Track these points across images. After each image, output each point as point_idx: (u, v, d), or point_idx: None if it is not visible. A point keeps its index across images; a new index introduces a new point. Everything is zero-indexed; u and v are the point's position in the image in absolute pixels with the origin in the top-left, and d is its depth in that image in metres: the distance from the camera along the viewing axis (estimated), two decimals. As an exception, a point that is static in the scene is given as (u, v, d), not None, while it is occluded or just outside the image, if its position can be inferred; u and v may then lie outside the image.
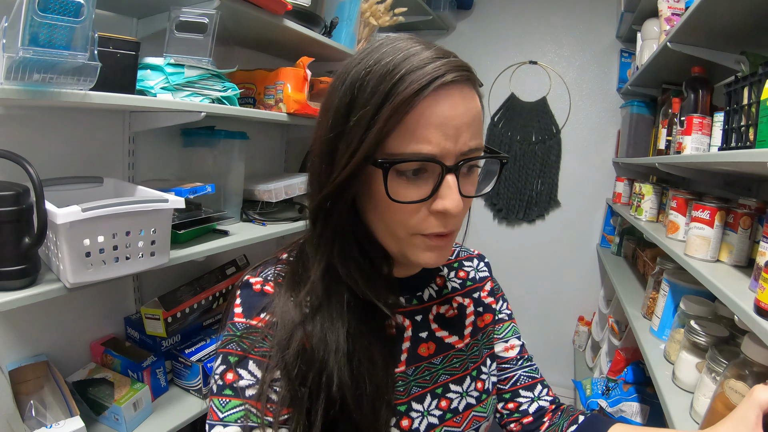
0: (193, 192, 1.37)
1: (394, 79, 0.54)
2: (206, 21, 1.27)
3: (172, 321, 1.49)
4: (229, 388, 0.59)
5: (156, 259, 1.14)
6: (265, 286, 0.65)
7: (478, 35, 2.99)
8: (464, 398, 0.77)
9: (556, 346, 2.96)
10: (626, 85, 2.49)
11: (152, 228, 1.11)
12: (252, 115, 1.50)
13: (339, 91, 0.59)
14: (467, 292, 0.86)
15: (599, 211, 2.85)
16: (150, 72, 1.27)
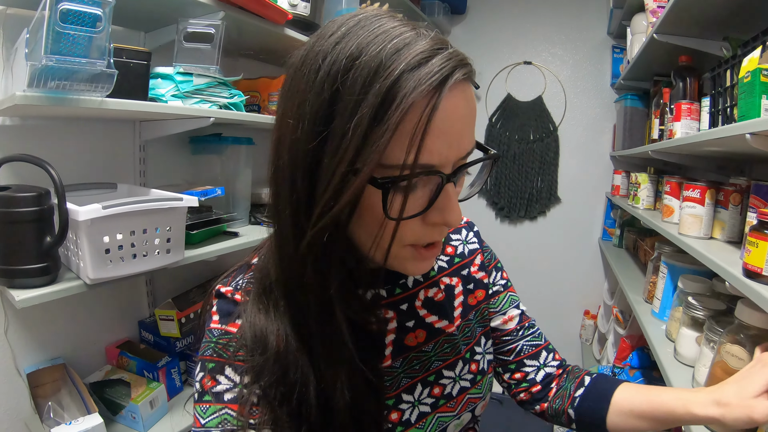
0: (204, 194, 1.41)
1: (392, 77, 0.45)
2: (213, 31, 1.32)
3: (185, 321, 1.53)
4: (208, 393, 0.58)
5: (171, 256, 1.19)
6: (235, 295, 0.63)
7: (472, 39, 3.04)
8: (457, 383, 0.74)
9: (563, 341, 2.97)
10: (619, 79, 2.53)
11: (167, 226, 1.17)
12: (258, 119, 1.55)
13: (310, 83, 0.49)
14: (454, 270, 0.80)
15: (599, 205, 2.89)
16: (161, 81, 1.33)
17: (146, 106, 1.20)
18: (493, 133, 3.03)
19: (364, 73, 0.46)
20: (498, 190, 3.06)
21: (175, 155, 1.69)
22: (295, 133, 0.50)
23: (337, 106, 0.47)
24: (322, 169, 0.49)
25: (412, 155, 0.46)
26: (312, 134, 0.49)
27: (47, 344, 1.34)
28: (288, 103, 0.52)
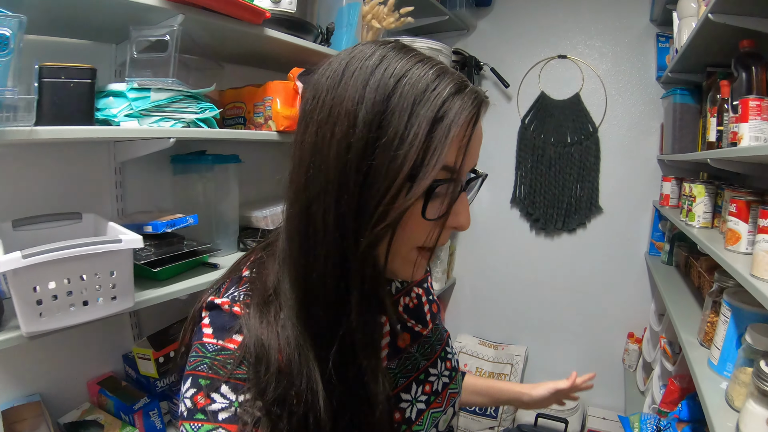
0: (171, 225, 1.28)
1: (442, 97, 0.54)
2: (167, 38, 1.14)
3: (164, 361, 1.42)
4: (200, 412, 0.56)
5: (118, 304, 1.07)
6: (233, 307, 0.62)
7: (500, 32, 2.79)
8: (440, 379, 0.81)
9: (604, 365, 2.70)
10: (666, 72, 2.23)
11: (110, 270, 1.03)
12: (235, 136, 1.38)
13: (358, 98, 0.54)
14: (419, 282, 0.89)
15: (646, 215, 2.58)
16: (113, 99, 1.16)
17: (87, 131, 1.05)
18: (526, 137, 2.77)
19: (414, 91, 0.54)
20: (532, 199, 2.79)
21: (155, 177, 1.55)
22: (343, 143, 0.54)
23: (388, 119, 0.53)
24: (376, 176, 0.54)
25: (440, 163, 0.54)
26: (365, 144, 0.54)
27: (25, 380, 1.29)
28: (328, 116, 0.55)
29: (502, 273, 2.95)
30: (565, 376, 2.77)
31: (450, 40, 2.81)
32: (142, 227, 1.27)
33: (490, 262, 2.99)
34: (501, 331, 2.99)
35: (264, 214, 1.56)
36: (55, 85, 1.01)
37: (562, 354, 2.84)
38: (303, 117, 0.59)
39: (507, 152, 2.84)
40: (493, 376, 2.74)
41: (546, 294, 2.84)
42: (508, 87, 2.74)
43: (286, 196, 0.62)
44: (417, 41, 2.17)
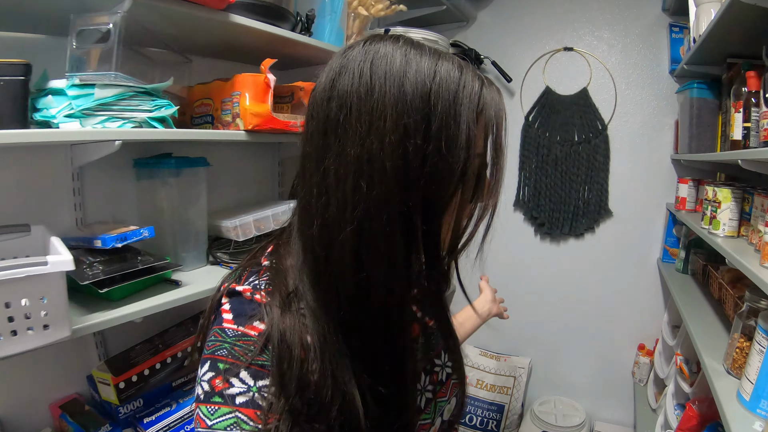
0: (122, 239, 1.14)
1: (476, 91, 0.57)
2: (109, 27, 0.99)
3: (125, 386, 1.31)
4: (218, 395, 0.56)
5: (52, 334, 0.95)
6: (255, 295, 0.62)
7: (502, 24, 2.62)
8: (444, 369, 0.82)
9: (613, 379, 2.56)
10: (681, 64, 2.06)
11: (39, 296, 0.91)
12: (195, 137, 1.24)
13: (397, 102, 0.55)
14: None
15: (659, 219, 2.42)
16: (51, 98, 1.02)
17: (14, 136, 0.91)
18: (530, 135, 2.61)
19: (449, 91, 0.56)
20: (537, 202, 2.63)
21: (116, 183, 1.42)
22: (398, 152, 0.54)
23: (437, 124, 0.55)
24: (438, 178, 0.56)
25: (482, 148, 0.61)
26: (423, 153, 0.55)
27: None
28: (369, 127, 0.55)
29: (504, 280, 2.75)
30: (572, 389, 2.63)
31: (448, 32, 2.64)
32: (92, 241, 1.14)
33: (491, 268, 2.77)
34: (504, 342, 2.84)
35: (234, 224, 1.41)
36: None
37: (569, 366, 2.68)
38: (332, 128, 0.57)
39: (509, 151, 2.55)
40: (495, 389, 2.60)
41: (552, 303, 2.69)
42: (511, 82, 2.58)
43: (321, 215, 0.58)
44: (411, 32, 2.01)
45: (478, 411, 2.58)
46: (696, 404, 1.52)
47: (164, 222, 1.37)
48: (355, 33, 1.73)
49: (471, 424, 2.56)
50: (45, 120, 1.02)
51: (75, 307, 1.09)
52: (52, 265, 0.89)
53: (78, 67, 1.05)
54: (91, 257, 1.15)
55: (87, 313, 1.07)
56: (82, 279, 1.05)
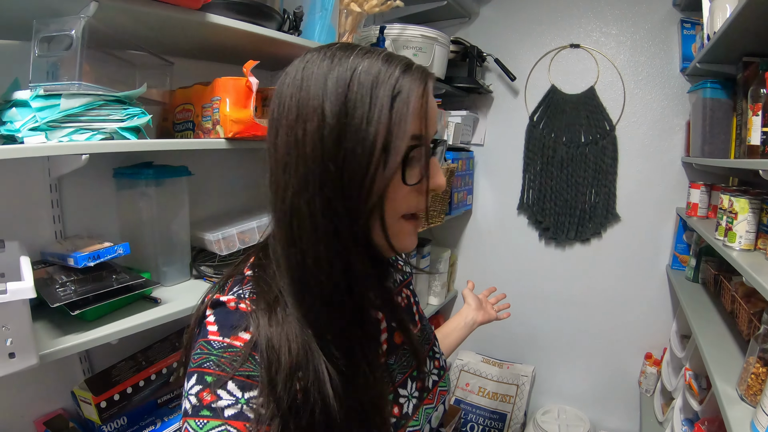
0: (95, 257, 1.08)
1: (395, 77, 0.61)
2: (72, 32, 0.92)
3: (107, 405, 1.27)
4: (206, 408, 0.57)
5: (18, 362, 0.90)
6: (240, 305, 0.64)
7: (505, 20, 2.54)
8: (430, 377, 0.85)
9: (618, 387, 2.49)
10: (693, 63, 1.97)
11: (1, 325, 0.86)
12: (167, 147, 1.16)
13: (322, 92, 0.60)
14: (407, 284, 0.95)
15: (668, 224, 2.33)
16: (15, 111, 0.96)
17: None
18: (534, 135, 2.52)
19: (369, 77, 0.60)
20: (542, 205, 2.54)
21: (96, 193, 1.36)
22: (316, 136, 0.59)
23: (353, 105, 0.59)
24: (354, 158, 0.59)
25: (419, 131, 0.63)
26: (337, 132, 0.59)
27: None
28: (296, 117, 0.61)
29: (508, 286, 2.64)
30: (576, 398, 2.57)
31: (449, 28, 2.56)
32: (66, 259, 1.09)
33: (494, 275, 2.75)
34: (507, 349, 2.77)
35: (216, 237, 1.33)
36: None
37: (573, 374, 2.61)
38: (272, 124, 0.64)
39: (514, 153, 2.60)
40: (497, 397, 2.54)
41: (556, 309, 2.61)
42: (515, 80, 2.49)
43: (269, 202, 0.65)
44: (409, 29, 1.93)
45: (479, 419, 2.51)
46: (705, 425, 1.45)
47: (145, 234, 1.31)
48: (348, 31, 1.65)
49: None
50: (10, 134, 0.95)
51: (48, 326, 1.05)
52: (12, 293, 0.84)
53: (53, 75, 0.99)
54: (64, 276, 1.10)
55: (60, 334, 1.01)
56: (54, 300, 0.99)
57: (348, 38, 1.64)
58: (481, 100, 2.67)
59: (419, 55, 1.96)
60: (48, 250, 1.18)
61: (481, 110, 2.68)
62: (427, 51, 1.99)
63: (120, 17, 1.05)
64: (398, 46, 1.92)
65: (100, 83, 1.02)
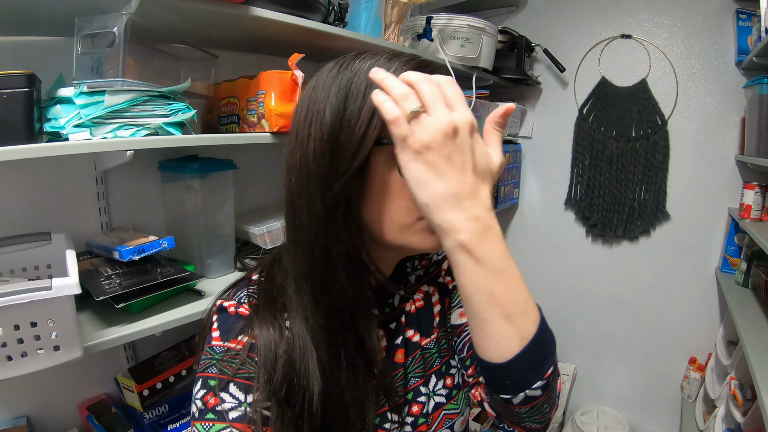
0: (140, 251, 1.10)
1: (391, 70, 0.59)
2: (113, 29, 0.94)
3: (149, 394, 1.31)
4: (211, 411, 0.59)
5: (63, 354, 0.94)
6: (239, 309, 0.66)
7: (554, 9, 2.47)
8: (432, 399, 0.78)
9: (659, 391, 2.43)
10: (749, 56, 1.88)
11: (47, 318, 0.89)
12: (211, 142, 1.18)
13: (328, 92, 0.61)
14: (432, 279, 0.86)
15: (719, 225, 2.24)
16: (60, 108, 0.98)
17: (15, 152, 0.86)
18: (583, 129, 2.46)
19: (366, 76, 0.60)
20: (590, 201, 2.48)
21: (141, 186, 1.40)
22: (318, 135, 0.60)
23: (350, 103, 0.59)
24: (344, 147, 0.59)
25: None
26: (332, 127, 0.59)
27: (11, 401, 1.22)
28: (304, 119, 0.63)
29: (552, 282, 2.68)
30: (616, 400, 2.54)
31: (496, 18, 2.52)
32: (111, 252, 1.12)
33: (539, 270, 2.72)
34: (548, 345, 2.74)
35: (261, 231, 1.36)
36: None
37: (614, 376, 2.57)
38: (290, 129, 0.66)
39: (562, 146, 2.55)
40: (536, 395, 2.51)
41: (600, 308, 2.56)
42: (564, 71, 2.44)
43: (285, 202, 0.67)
44: (456, 19, 1.90)
45: (517, 416, 2.50)
46: (750, 438, 1.41)
47: (189, 227, 1.33)
48: (394, 22, 1.62)
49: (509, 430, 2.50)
50: (55, 131, 0.98)
51: (93, 318, 1.08)
52: (57, 289, 0.86)
53: (98, 71, 1.01)
54: (110, 268, 1.13)
55: (105, 326, 1.05)
56: (99, 293, 1.02)
57: (394, 29, 1.62)
58: (529, 92, 2.62)
59: (466, 46, 1.93)
60: (94, 242, 1.21)
61: (530, 102, 2.64)
62: (475, 41, 1.95)
63: (163, 12, 1.06)
64: (445, 36, 1.89)
65: (144, 78, 1.03)
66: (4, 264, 1.07)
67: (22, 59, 1.13)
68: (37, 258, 1.11)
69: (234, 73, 1.38)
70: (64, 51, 1.13)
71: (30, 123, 0.92)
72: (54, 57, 1.13)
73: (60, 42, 1.18)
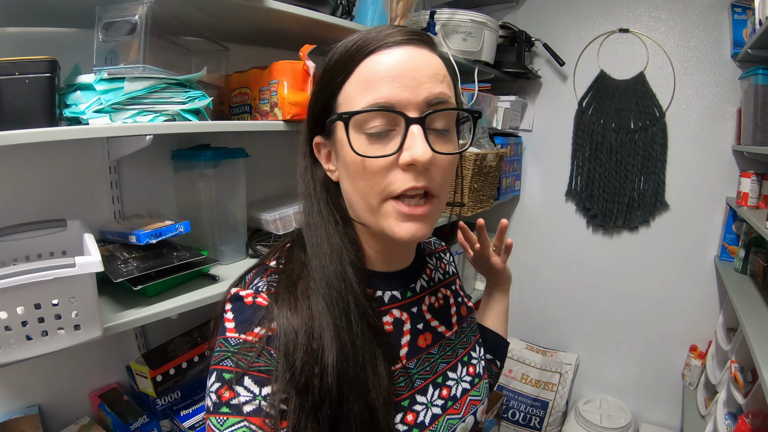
0: (157, 235, 1.12)
1: (357, 43, 0.63)
2: (135, 18, 0.97)
3: (162, 379, 1.33)
4: (225, 405, 0.58)
5: (83, 334, 0.94)
6: (257, 299, 0.64)
7: (554, 4, 2.50)
8: (459, 384, 0.80)
9: (661, 379, 2.45)
10: (744, 48, 1.91)
11: (69, 297, 0.90)
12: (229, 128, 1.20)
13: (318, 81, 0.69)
14: (447, 284, 0.90)
15: (718, 214, 2.27)
16: (80, 94, 1.00)
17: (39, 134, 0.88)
18: (583, 121, 2.49)
19: (342, 47, 0.64)
20: (590, 192, 2.51)
21: (154, 175, 1.41)
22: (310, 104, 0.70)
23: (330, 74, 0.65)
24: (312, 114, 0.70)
25: (367, 96, 0.60)
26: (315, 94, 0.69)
27: (23, 391, 1.23)
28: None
29: (554, 272, 2.70)
30: (618, 389, 2.57)
31: (497, 13, 2.55)
32: (127, 236, 1.14)
33: (541, 260, 2.75)
34: (550, 336, 2.77)
35: (273, 217, 1.38)
36: (8, 83, 0.89)
37: (617, 365, 2.59)
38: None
39: (562, 139, 2.58)
40: (540, 384, 2.54)
41: (602, 298, 2.59)
42: (563, 65, 2.47)
43: None
44: (458, 13, 1.93)
45: (521, 406, 2.53)
46: (749, 418, 1.43)
47: (202, 214, 1.35)
48: (399, 15, 1.65)
49: (513, 419, 2.52)
50: (75, 116, 1.00)
51: (110, 302, 1.09)
52: (80, 266, 0.87)
53: (112, 60, 1.03)
54: (126, 253, 1.14)
55: (122, 309, 1.06)
56: (116, 276, 1.03)
57: (399, 23, 1.65)
58: (529, 86, 2.65)
59: (469, 40, 1.96)
60: (108, 229, 1.22)
61: (530, 95, 2.66)
62: (477, 36, 1.98)
63: (178, 3, 1.09)
64: (448, 30, 1.92)
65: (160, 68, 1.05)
66: (20, 250, 1.07)
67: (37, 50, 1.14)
68: (52, 244, 1.12)
69: (243, 66, 1.41)
70: (78, 42, 1.16)
71: (51, 107, 0.95)
72: (69, 48, 1.14)
73: (75, 33, 1.21)
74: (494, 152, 2.03)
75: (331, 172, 0.71)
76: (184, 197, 1.42)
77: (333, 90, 0.64)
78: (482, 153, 1.92)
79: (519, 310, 2.84)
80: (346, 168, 0.64)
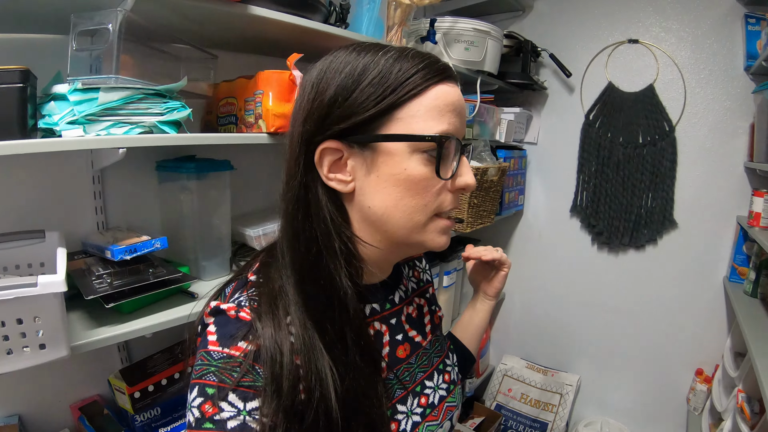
0: (131, 251, 1.08)
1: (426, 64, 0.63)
2: (108, 26, 0.93)
3: (141, 396, 1.30)
4: (209, 421, 0.57)
5: (48, 353, 0.92)
6: (240, 313, 0.63)
7: (561, 14, 2.44)
8: (437, 392, 0.83)
9: (665, 403, 2.37)
10: (758, 61, 1.84)
11: (33, 316, 0.88)
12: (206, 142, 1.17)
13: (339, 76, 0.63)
14: (421, 292, 0.92)
15: (728, 233, 2.19)
16: (54, 104, 0.97)
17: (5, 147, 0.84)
18: (590, 134, 2.42)
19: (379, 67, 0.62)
20: (596, 208, 2.44)
21: (139, 185, 1.38)
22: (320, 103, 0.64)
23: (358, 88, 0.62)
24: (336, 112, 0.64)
25: (442, 126, 0.63)
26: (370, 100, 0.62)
27: (4, 399, 1.22)
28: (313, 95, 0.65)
29: (557, 290, 2.64)
30: (620, 412, 2.55)
31: (502, 22, 2.50)
32: (104, 251, 1.10)
33: (544, 278, 2.69)
34: (552, 355, 2.70)
35: (257, 233, 1.34)
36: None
37: (619, 386, 2.52)
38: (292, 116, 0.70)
39: (568, 152, 2.52)
40: (540, 405, 2.48)
41: (606, 317, 2.52)
42: (570, 76, 2.41)
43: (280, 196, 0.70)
44: (460, 22, 1.88)
45: (519, 427, 2.46)
46: (758, 452, 1.36)
47: (185, 228, 1.31)
48: (396, 24, 1.60)
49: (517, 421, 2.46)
50: (49, 127, 0.97)
51: (84, 317, 1.06)
52: (42, 286, 0.84)
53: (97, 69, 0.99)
54: (102, 267, 1.11)
55: (95, 326, 1.02)
56: (88, 293, 1.00)
57: (397, 31, 1.61)
58: (535, 97, 2.60)
59: (471, 49, 1.91)
60: (89, 241, 1.19)
61: (535, 107, 2.61)
62: (479, 45, 1.93)
63: (159, 10, 1.05)
64: (449, 39, 1.87)
65: (144, 77, 1.02)
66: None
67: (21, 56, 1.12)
68: (30, 256, 1.09)
69: (234, 74, 1.37)
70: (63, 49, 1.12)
71: (23, 118, 0.91)
72: (53, 55, 1.11)
73: (60, 40, 1.17)
74: (496, 166, 1.97)
75: (341, 183, 0.67)
76: (167, 209, 1.38)
77: (392, 102, 0.62)
78: (483, 167, 1.86)
79: (520, 327, 2.80)
80: (395, 184, 0.64)
